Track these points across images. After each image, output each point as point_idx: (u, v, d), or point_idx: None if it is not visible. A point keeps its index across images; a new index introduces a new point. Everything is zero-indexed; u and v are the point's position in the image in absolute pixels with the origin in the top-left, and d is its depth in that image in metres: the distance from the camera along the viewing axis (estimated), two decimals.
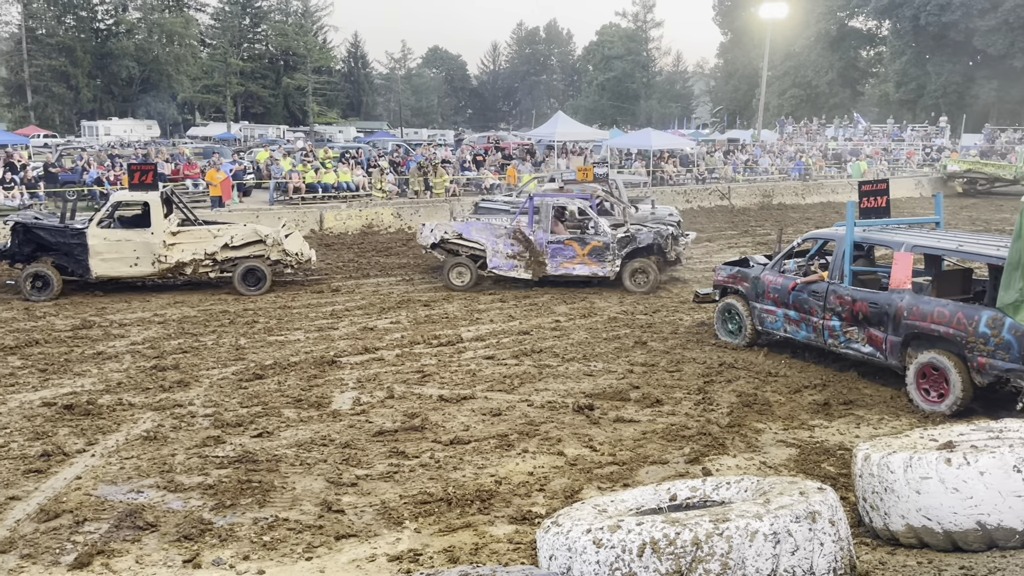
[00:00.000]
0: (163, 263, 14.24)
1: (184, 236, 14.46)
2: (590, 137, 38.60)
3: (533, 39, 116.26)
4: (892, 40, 70.66)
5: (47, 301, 13.59)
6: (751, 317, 10.66)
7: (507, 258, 14.82)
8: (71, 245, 13.93)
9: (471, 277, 14.81)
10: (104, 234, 14.03)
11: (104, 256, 13.99)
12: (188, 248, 14.41)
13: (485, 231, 14.99)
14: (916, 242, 9.01)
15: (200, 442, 7.46)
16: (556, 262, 14.77)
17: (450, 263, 14.93)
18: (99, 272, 14.04)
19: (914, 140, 48.80)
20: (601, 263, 14.69)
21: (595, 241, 14.71)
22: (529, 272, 14.80)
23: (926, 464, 5.00)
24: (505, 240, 14.83)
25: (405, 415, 8.15)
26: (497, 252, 14.84)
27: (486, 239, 14.89)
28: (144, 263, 14.18)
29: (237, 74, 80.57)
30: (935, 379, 8.26)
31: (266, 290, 14.51)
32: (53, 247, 14.00)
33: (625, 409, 8.39)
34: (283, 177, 24.57)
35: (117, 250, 14.04)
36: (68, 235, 13.97)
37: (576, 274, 14.80)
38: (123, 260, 14.09)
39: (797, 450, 7.32)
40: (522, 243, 14.80)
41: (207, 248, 14.49)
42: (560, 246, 14.74)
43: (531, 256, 14.78)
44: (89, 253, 13.93)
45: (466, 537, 5.73)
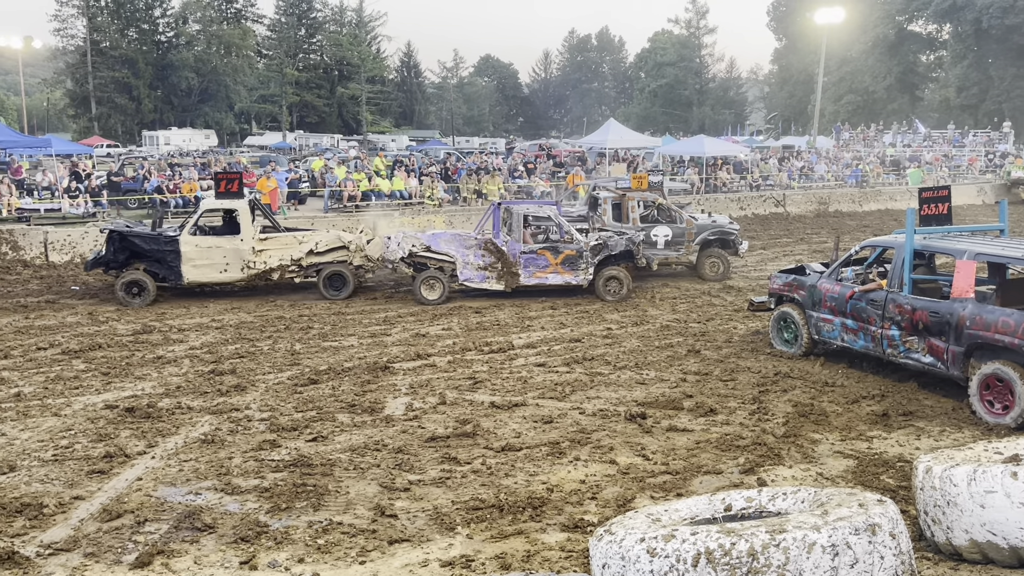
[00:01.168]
0: (252, 269, 14.68)
1: (271, 242, 14.88)
2: (642, 144, 38.45)
3: (585, 46, 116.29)
4: (953, 44, 69.11)
5: (142, 306, 14.04)
6: (807, 326, 10.49)
7: (478, 269, 14.54)
8: (164, 252, 14.34)
9: (442, 290, 14.42)
10: (196, 241, 14.48)
11: (196, 262, 14.41)
12: (275, 254, 14.83)
13: (454, 242, 14.65)
14: (979, 250, 8.78)
15: (256, 446, 7.58)
16: (529, 272, 14.54)
17: (420, 277, 14.46)
18: (191, 278, 14.46)
19: (976, 146, 47.65)
20: (575, 272, 14.54)
21: (568, 250, 14.54)
22: (502, 283, 14.55)
23: (991, 477, 4.86)
24: (476, 251, 14.54)
25: (457, 421, 8.19)
26: (468, 264, 14.51)
27: (456, 251, 14.53)
28: (233, 269, 14.61)
29: (292, 84, 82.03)
30: (999, 391, 8.04)
31: (349, 294, 14.84)
32: (147, 254, 14.37)
33: (678, 418, 8.32)
34: (337, 185, 24.90)
35: (208, 256, 14.48)
36: (162, 242, 14.38)
37: (549, 283, 14.61)
38: (213, 266, 14.52)
39: (855, 462, 7.17)
40: (494, 254, 14.54)
41: (293, 254, 14.89)
42: (533, 256, 14.53)
43: (503, 267, 14.53)
44: (181, 259, 14.35)
45: (518, 544, 5.72)
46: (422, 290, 14.45)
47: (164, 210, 17.04)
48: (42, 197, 22.46)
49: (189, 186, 23.37)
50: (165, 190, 22.90)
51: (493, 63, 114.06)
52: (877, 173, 37.73)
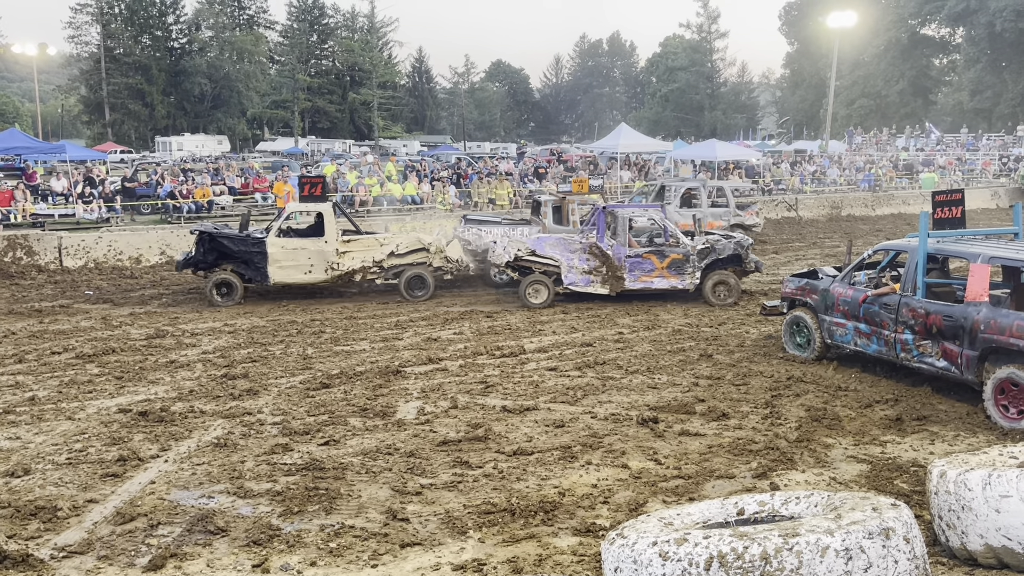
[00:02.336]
0: (335, 270, 15.00)
1: (354, 245, 15.17)
2: (653, 148, 38.37)
3: (596, 51, 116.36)
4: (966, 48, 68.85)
5: (233, 305, 14.50)
6: (820, 330, 10.44)
7: (583, 273, 14.50)
8: (252, 253, 14.70)
9: (549, 294, 14.47)
10: (282, 243, 14.83)
11: (282, 264, 14.74)
12: (358, 256, 15.12)
13: (559, 246, 14.63)
14: (993, 253, 8.72)
15: (268, 449, 7.60)
16: (634, 276, 14.43)
17: (525, 281, 14.52)
18: (276, 279, 14.80)
19: (990, 150, 47.40)
20: (680, 276, 14.44)
21: (674, 254, 14.41)
22: (606, 287, 14.49)
23: (1006, 482, 4.83)
24: (580, 255, 14.50)
25: (469, 425, 8.19)
26: (572, 268, 14.49)
27: (560, 255, 14.52)
28: (317, 270, 14.92)
29: (304, 90, 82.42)
30: (1015, 395, 7.97)
31: (430, 296, 15.14)
32: (235, 255, 14.76)
33: (690, 422, 8.29)
34: (349, 190, 24.97)
35: (293, 258, 14.81)
36: (250, 244, 14.75)
37: (655, 288, 14.52)
38: (298, 267, 14.84)
39: (868, 466, 7.13)
40: (599, 258, 14.48)
41: (375, 256, 15.16)
42: (639, 259, 14.41)
43: (608, 271, 14.46)
44: (268, 261, 14.67)
45: (530, 548, 5.71)
46: (528, 294, 14.48)
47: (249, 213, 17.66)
48: (56, 203, 22.62)
49: (202, 191, 23.50)
50: (178, 195, 23.03)
51: (504, 68, 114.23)
52: (890, 177, 37.59)
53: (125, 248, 19.29)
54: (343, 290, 15.63)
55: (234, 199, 24.74)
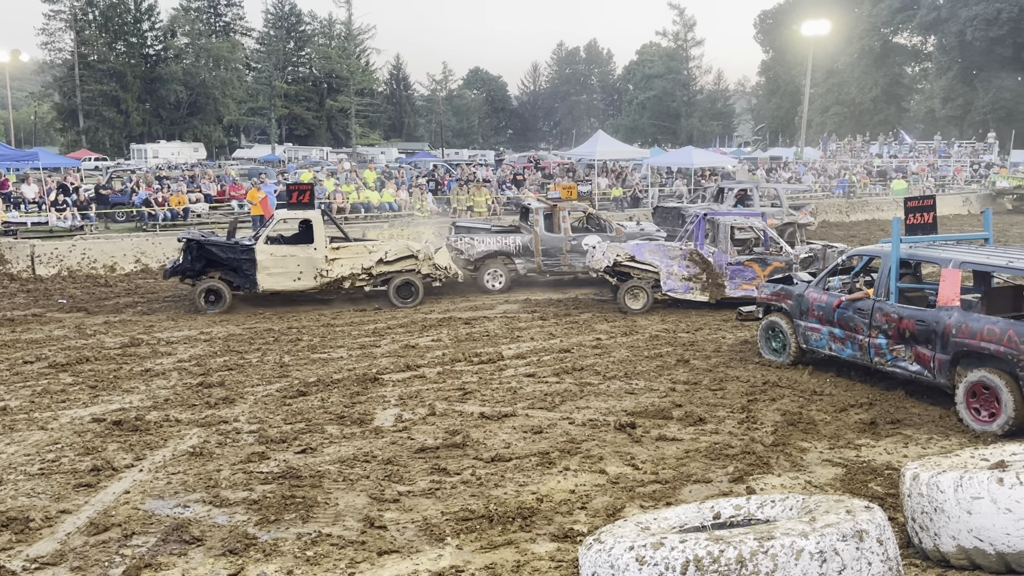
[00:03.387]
0: (324, 277, 15.00)
1: (343, 252, 15.20)
2: (631, 156, 38.53)
3: (573, 59, 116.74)
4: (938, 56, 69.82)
5: (220, 313, 14.44)
6: (795, 335, 10.53)
7: (682, 280, 14.44)
8: (241, 260, 14.66)
9: (647, 300, 14.39)
10: (271, 250, 14.81)
11: (271, 271, 14.73)
12: (347, 263, 15.13)
13: (658, 253, 14.56)
14: (965, 258, 8.84)
15: (245, 458, 7.55)
16: (735, 284, 14.37)
17: (624, 287, 14.43)
18: (265, 286, 14.78)
19: (961, 156, 48.03)
20: None
21: (776, 262, 14.33)
22: (706, 294, 14.43)
23: (977, 484, 4.89)
24: (680, 262, 14.45)
25: (447, 432, 8.17)
26: (672, 274, 14.42)
27: (660, 261, 14.45)
28: (307, 277, 14.92)
29: (281, 97, 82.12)
30: (986, 398, 8.08)
31: (419, 303, 15.16)
32: (223, 262, 14.67)
33: (667, 427, 8.33)
34: (326, 197, 24.89)
35: (283, 265, 14.80)
36: (238, 251, 14.71)
37: None
38: (288, 275, 14.83)
39: (843, 469, 7.19)
40: (699, 265, 14.42)
41: (364, 263, 15.19)
42: (740, 267, 14.36)
43: (709, 278, 14.41)
44: (257, 268, 14.66)
45: (508, 554, 5.71)
46: (626, 300, 14.43)
47: (237, 220, 17.55)
48: (29, 211, 22.36)
49: (177, 199, 23.31)
50: (153, 203, 22.84)
51: (482, 76, 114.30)
52: (864, 184, 37.98)
53: (99, 256, 19.11)
54: (324, 297, 15.55)
55: (210, 207, 24.57)
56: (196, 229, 18.97)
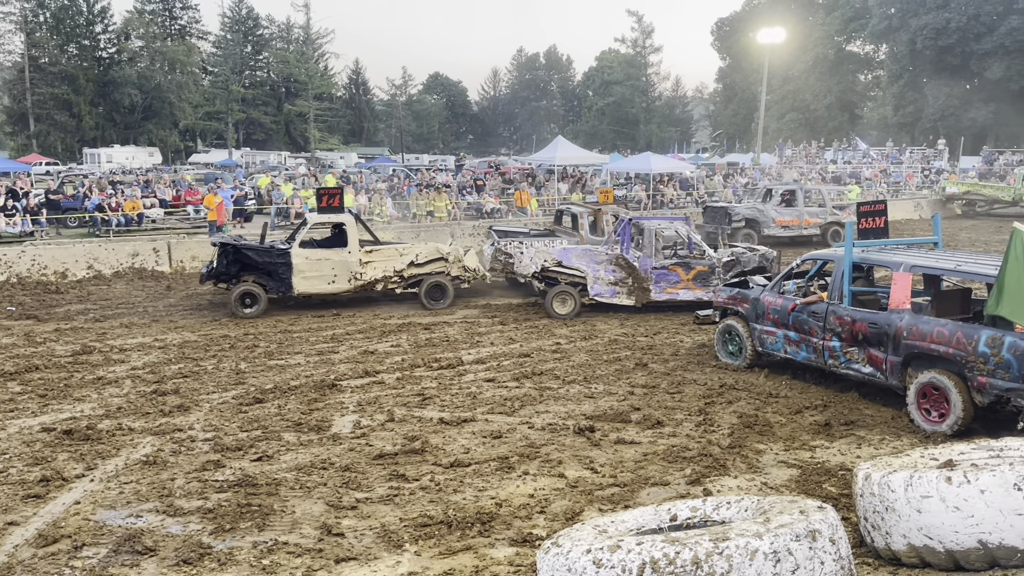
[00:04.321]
0: (358, 280, 15.26)
1: (376, 255, 15.48)
2: (590, 161, 38.73)
3: (533, 65, 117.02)
4: (889, 64, 71.20)
5: (255, 316, 14.51)
6: (751, 338, 10.65)
7: (609, 285, 14.56)
8: (277, 264, 14.85)
9: (575, 305, 14.44)
10: (306, 253, 15.06)
11: (306, 274, 14.95)
12: (379, 266, 15.40)
13: (585, 258, 14.71)
14: (915, 262, 9.02)
15: (200, 466, 7.44)
16: (660, 288, 14.55)
17: (552, 292, 14.50)
18: (300, 289, 15.00)
19: (913, 162, 48.98)
20: (706, 287, 14.58)
21: (700, 266, 14.56)
22: (632, 299, 14.57)
23: (927, 483, 4.98)
24: (606, 266, 14.57)
25: (405, 438, 8.13)
26: (599, 279, 14.54)
27: (587, 266, 14.58)
28: (341, 280, 15.17)
29: (239, 101, 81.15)
30: (936, 399, 8.24)
31: (448, 305, 15.35)
32: (259, 266, 14.81)
33: (626, 431, 8.37)
34: (284, 202, 24.66)
35: (317, 268, 15.03)
36: (274, 255, 14.88)
37: (681, 299, 14.62)
38: (322, 278, 15.06)
39: (798, 471, 7.29)
40: (625, 269, 14.56)
41: (396, 265, 15.47)
42: (664, 271, 14.54)
43: (634, 282, 14.54)
44: (293, 271, 14.85)
45: (467, 560, 5.70)
46: (554, 305, 14.46)
47: (274, 223, 18.26)
48: None
49: (132, 204, 22.94)
50: (107, 208, 22.45)
51: (442, 80, 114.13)
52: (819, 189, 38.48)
53: (50, 263, 18.72)
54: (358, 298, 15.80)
55: (165, 212, 24.22)
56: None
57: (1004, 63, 58.99)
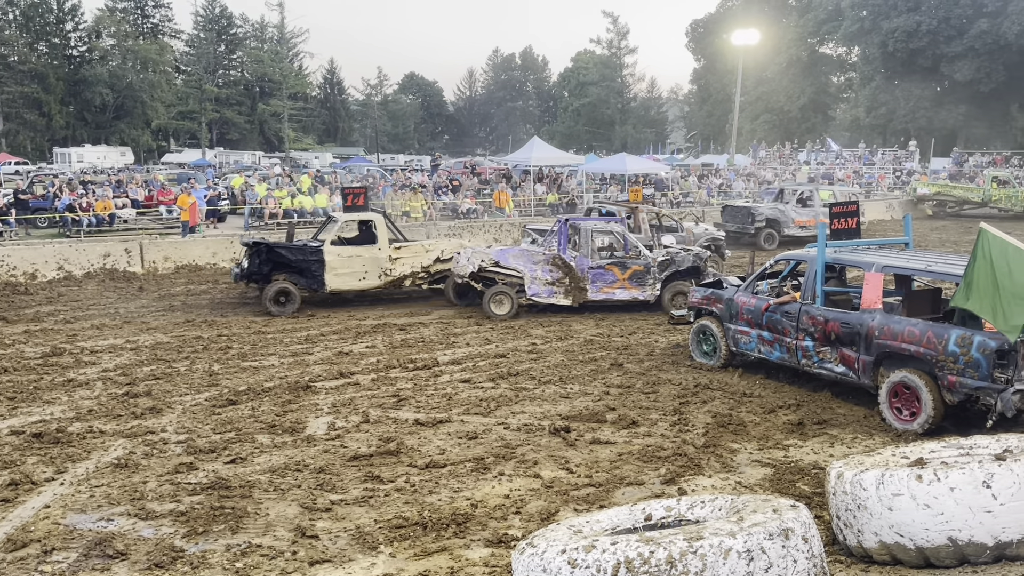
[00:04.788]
0: (388, 276, 15.63)
1: (404, 251, 15.86)
2: (566, 162, 38.74)
3: (509, 65, 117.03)
4: (862, 66, 71.90)
5: (292, 315, 14.68)
6: (725, 338, 10.72)
7: (546, 285, 14.60)
8: (310, 262, 15.12)
9: (512, 305, 14.50)
10: (338, 251, 15.37)
11: (338, 271, 15.24)
12: (407, 262, 15.79)
13: (522, 258, 14.74)
14: (886, 262, 9.12)
15: (172, 469, 7.37)
16: (596, 287, 14.62)
17: (489, 292, 14.55)
18: (333, 286, 15.30)
19: (885, 164, 49.53)
20: (642, 287, 14.68)
21: (635, 265, 14.66)
22: (569, 298, 14.61)
23: (898, 481, 5.03)
24: (544, 267, 14.60)
25: (380, 439, 8.10)
26: (536, 279, 14.58)
27: (524, 266, 14.61)
28: (372, 277, 15.52)
29: (212, 100, 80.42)
30: (907, 398, 8.34)
31: (475, 299, 15.33)
32: (292, 265, 15.07)
33: (601, 431, 8.39)
34: (258, 202, 24.49)
35: (349, 266, 15.34)
36: (307, 253, 15.17)
37: (617, 299, 14.70)
38: (353, 275, 15.39)
39: (772, 470, 7.34)
40: (562, 269, 14.60)
41: (423, 262, 15.87)
42: (600, 271, 14.62)
43: (571, 282, 14.59)
44: (326, 269, 15.13)
45: (442, 561, 5.69)
46: (491, 305, 14.48)
47: (295, 224, 18.68)
48: None
49: (103, 204, 22.67)
50: (78, 208, 22.17)
51: (418, 81, 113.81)
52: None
53: (19, 263, 18.47)
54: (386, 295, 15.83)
55: (137, 212, 23.96)
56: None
57: (974, 66, 59.80)
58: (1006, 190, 34.43)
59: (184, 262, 20.30)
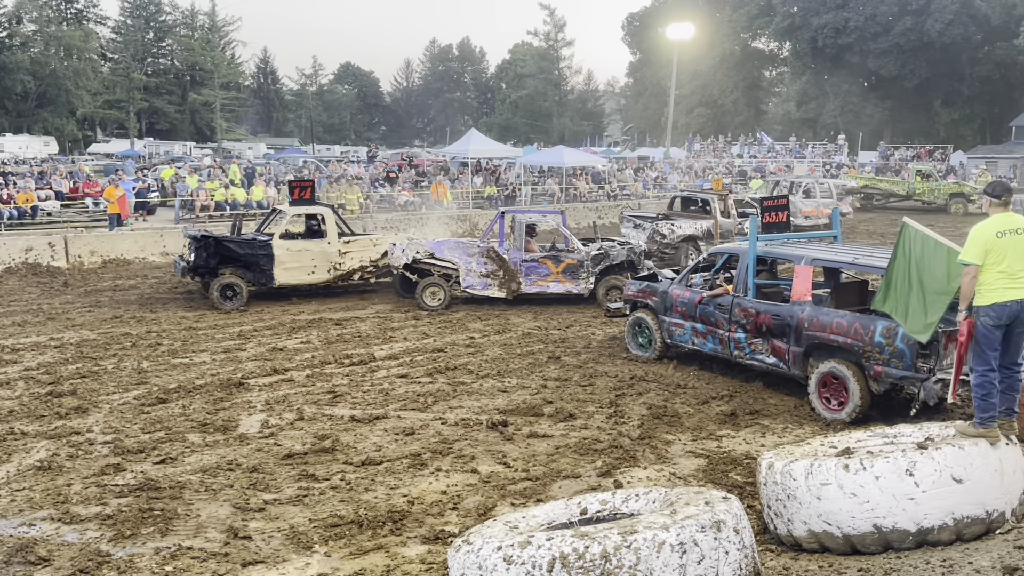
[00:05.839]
0: (338, 270, 15.47)
1: (353, 245, 15.69)
2: (504, 154, 38.78)
3: (446, 56, 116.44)
4: (792, 61, 73.45)
5: (238, 310, 14.37)
6: (660, 331, 10.84)
7: (481, 277, 14.66)
8: (259, 256, 14.88)
9: (445, 297, 14.51)
10: (287, 245, 15.20)
11: (287, 265, 15.02)
12: (356, 256, 15.65)
13: (457, 250, 14.84)
14: (815, 256, 9.32)
15: (99, 471, 7.16)
16: (530, 280, 14.69)
17: (423, 283, 14.56)
18: (282, 280, 15.07)
19: (815, 157, 50.65)
20: (575, 280, 14.74)
21: (569, 259, 14.74)
22: (503, 291, 14.68)
23: (826, 471, 5.16)
24: (478, 259, 14.68)
25: (315, 437, 7.99)
26: (471, 271, 14.64)
27: (459, 258, 14.68)
28: (321, 271, 15.34)
29: (141, 89, 78.14)
30: (835, 388, 8.54)
31: None
32: (240, 259, 14.82)
33: (539, 424, 8.42)
34: (189, 195, 23.94)
35: (298, 260, 15.16)
36: (256, 246, 14.95)
37: (551, 292, 14.77)
38: (303, 268, 15.18)
39: (705, 460, 7.46)
40: (496, 262, 14.66)
41: (371, 256, 15.75)
42: (534, 264, 14.69)
43: (505, 275, 14.65)
44: (274, 263, 14.88)
45: (378, 559, 5.64)
46: (424, 297, 14.45)
47: (242, 217, 18.15)
48: None
49: (25, 196, 21.90)
50: None
51: (354, 71, 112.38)
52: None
53: None
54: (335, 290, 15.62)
55: (62, 204, 23.22)
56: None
57: (899, 62, 61.56)
58: (929, 183, 35.56)
59: (111, 256, 19.74)
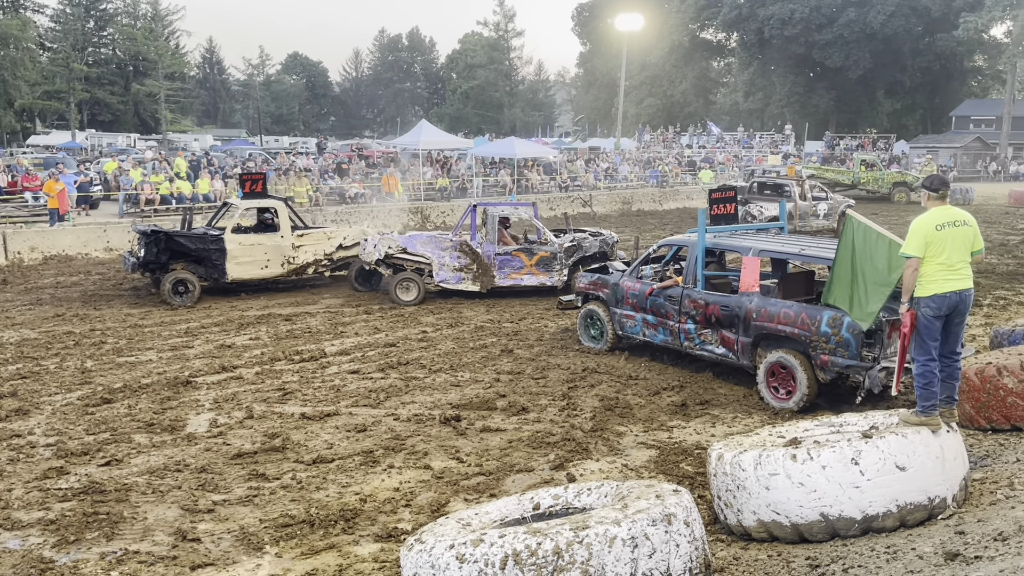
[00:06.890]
0: (291, 264, 15.30)
1: (307, 239, 15.54)
2: (455, 146, 38.68)
3: (396, 46, 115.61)
4: (740, 52, 74.39)
5: (189, 306, 14.13)
6: (612, 322, 10.91)
7: (454, 271, 14.61)
8: (210, 251, 14.60)
9: (419, 291, 14.45)
10: (239, 239, 14.89)
11: (239, 260, 14.79)
12: (310, 249, 15.49)
13: (430, 244, 14.73)
14: (763, 247, 9.45)
15: (40, 474, 6.98)
16: (504, 273, 14.70)
17: (396, 278, 14.46)
18: (234, 275, 14.82)
19: (762, 147, 51.40)
20: (549, 273, 14.77)
21: (542, 251, 14.78)
22: (477, 284, 14.66)
23: (774, 461, 5.23)
24: (451, 253, 14.61)
25: (265, 435, 7.89)
26: (444, 265, 14.58)
27: (432, 252, 14.59)
28: (274, 265, 15.14)
29: (82, 80, 76.23)
30: (783, 377, 8.68)
31: (375, 287, 15.49)
32: (191, 253, 14.54)
33: (492, 418, 8.41)
34: (133, 188, 23.44)
35: (251, 254, 14.91)
36: (208, 241, 14.63)
37: (524, 284, 14.80)
38: (255, 263, 14.97)
39: (657, 451, 7.52)
40: (469, 255, 14.63)
41: (325, 249, 15.62)
42: (508, 257, 14.69)
43: (479, 268, 14.63)
44: (227, 257, 14.63)
45: (330, 559, 5.59)
46: (398, 291, 14.36)
47: (192, 211, 17.91)
48: None
49: None
50: None
51: (302, 61, 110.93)
52: (675, 173, 39.91)
53: None
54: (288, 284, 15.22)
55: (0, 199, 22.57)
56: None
57: (843, 53, 62.71)
58: (873, 172, 36.32)
59: (53, 252, 19.25)
